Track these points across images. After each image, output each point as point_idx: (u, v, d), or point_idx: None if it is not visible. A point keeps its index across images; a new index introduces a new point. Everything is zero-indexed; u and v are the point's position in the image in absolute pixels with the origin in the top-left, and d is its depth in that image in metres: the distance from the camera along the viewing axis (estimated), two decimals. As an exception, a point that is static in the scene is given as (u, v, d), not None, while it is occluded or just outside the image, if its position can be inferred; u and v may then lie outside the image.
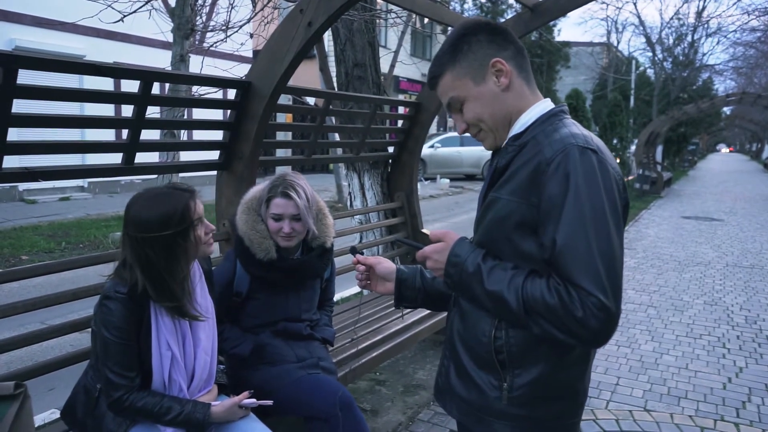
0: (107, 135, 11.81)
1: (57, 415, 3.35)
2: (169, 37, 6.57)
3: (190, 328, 1.92)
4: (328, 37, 3.85)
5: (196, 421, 1.83)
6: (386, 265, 1.62)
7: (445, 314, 3.64)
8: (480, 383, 1.37)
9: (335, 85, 4.88)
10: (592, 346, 1.25)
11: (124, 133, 2.44)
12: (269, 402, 2.03)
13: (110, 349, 1.78)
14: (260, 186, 2.49)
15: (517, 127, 1.34)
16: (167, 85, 7.09)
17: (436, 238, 1.40)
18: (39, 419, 3.27)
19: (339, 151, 11.34)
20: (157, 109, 5.22)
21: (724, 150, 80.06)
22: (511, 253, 1.29)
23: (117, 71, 2.25)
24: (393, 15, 6.23)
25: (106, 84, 11.43)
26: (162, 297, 1.80)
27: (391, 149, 4.62)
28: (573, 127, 1.29)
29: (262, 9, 5.29)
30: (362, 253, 1.66)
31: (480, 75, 1.33)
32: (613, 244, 1.18)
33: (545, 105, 1.36)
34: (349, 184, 4.79)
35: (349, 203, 4.92)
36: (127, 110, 2.41)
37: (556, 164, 1.21)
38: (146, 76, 2.33)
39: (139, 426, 1.86)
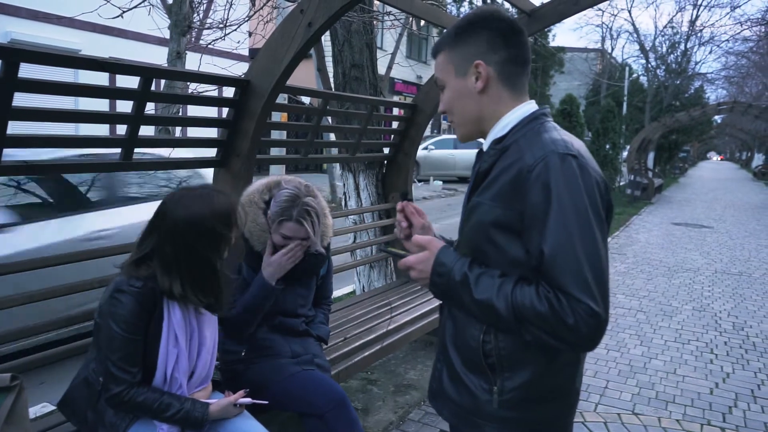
0: (101, 130, 11.76)
1: (48, 408, 3.35)
2: (166, 34, 6.55)
3: (197, 326, 1.93)
4: (326, 37, 3.87)
5: (194, 420, 1.84)
6: (428, 232, 1.51)
7: (436, 316, 3.68)
8: (471, 387, 1.37)
9: (332, 85, 4.90)
10: (582, 351, 1.26)
11: (118, 128, 2.45)
12: (264, 402, 2.04)
13: (116, 343, 1.78)
14: (263, 181, 2.49)
15: (498, 129, 1.35)
16: (162, 81, 7.09)
17: (419, 246, 1.38)
18: (30, 412, 3.26)
19: (334, 151, 11.34)
20: (151, 105, 5.21)
21: (715, 158, 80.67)
22: (498, 259, 1.29)
23: (118, 67, 2.26)
24: (391, 17, 6.25)
25: (101, 79, 11.41)
26: (199, 292, 1.85)
27: (386, 150, 4.64)
28: (554, 132, 1.29)
29: (261, 8, 5.30)
30: (411, 200, 1.55)
31: (462, 69, 1.34)
32: (598, 249, 1.19)
33: (528, 108, 1.35)
34: (344, 184, 4.80)
35: (343, 203, 4.94)
36: (122, 105, 2.42)
37: (537, 172, 1.20)
38: (147, 72, 2.35)
39: (140, 422, 1.87)
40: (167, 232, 1.82)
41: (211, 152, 3.06)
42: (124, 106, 2.43)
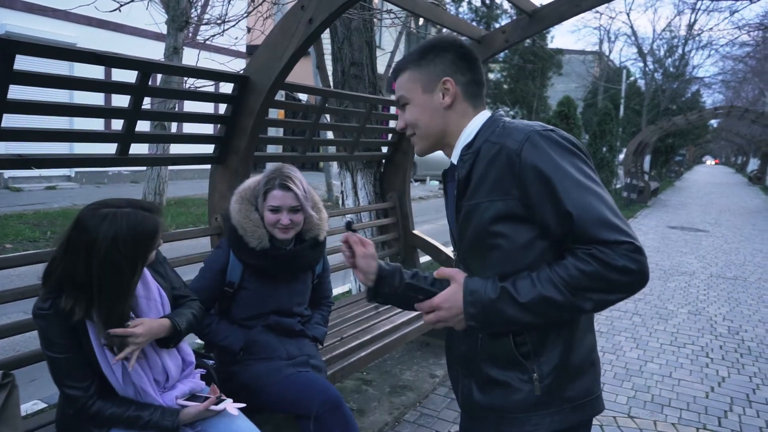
0: (96, 124, 11.70)
1: (39, 406, 3.32)
2: (163, 29, 6.52)
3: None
4: (325, 35, 3.85)
5: (165, 428, 1.81)
6: (369, 261, 1.55)
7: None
8: (510, 382, 1.38)
9: (331, 83, 4.87)
10: (639, 289, 1.26)
11: (113, 122, 2.42)
12: (242, 404, 1.96)
13: (56, 365, 1.74)
14: (255, 178, 2.49)
15: (464, 138, 1.42)
16: (159, 76, 7.04)
17: (442, 277, 1.41)
18: (21, 410, 3.22)
19: (331, 149, 11.30)
20: (146, 100, 5.18)
21: (709, 162, 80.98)
22: (509, 247, 1.32)
23: (116, 60, 2.23)
24: (392, 15, 6.23)
25: (96, 73, 11.37)
26: (106, 315, 1.73)
27: (384, 149, 4.62)
28: (522, 121, 1.39)
29: (260, 3, 5.27)
30: (355, 231, 1.59)
31: (430, 86, 1.43)
32: (606, 193, 1.28)
33: (485, 115, 1.45)
34: (341, 183, 4.78)
35: (341, 202, 4.91)
36: (117, 100, 2.39)
37: (526, 152, 1.27)
38: (145, 66, 2.31)
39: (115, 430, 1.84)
40: (83, 251, 1.68)
41: (207, 149, 3.02)
42: (119, 101, 2.39)
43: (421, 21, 15.83)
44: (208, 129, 11.91)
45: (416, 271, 1.60)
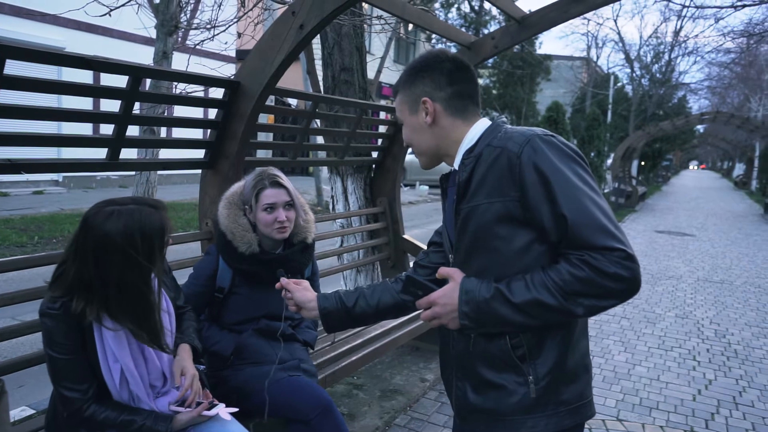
0: (83, 129, 11.62)
1: (27, 412, 3.29)
2: (152, 33, 6.50)
3: None
4: (315, 40, 3.86)
5: None
6: (306, 294, 1.69)
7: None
8: (506, 385, 1.40)
9: (321, 88, 4.88)
10: (631, 296, 1.28)
11: (102, 127, 2.41)
12: (235, 408, 1.98)
13: (57, 365, 1.72)
14: (240, 183, 2.50)
15: (467, 142, 1.45)
16: (148, 81, 7.00)
17: (442, 276, 1.44)
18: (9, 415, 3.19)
19: (321, 154, 11.28)
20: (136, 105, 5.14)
21: (692, 167, 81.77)
22: (506, 251, 1.34)
23: (106, 65, 2.22)
24: (382, 21, 6.26)
25: (85, 78, 11.29)
26: (121, 317, 1.73)
27: (375, 154, 4.63)
28: (523, 127, 1.41)
29: (251, 9, 5.27)
30: (288, 276, 1.75)
31: (414, 107, 1.49)
32: (603, 200, 1.30)
33: (486, 121, 1.48)
34: (332, 188, 4.78)
35: (331, 207, 4.92)
36: (105, 105, 2.38)
37: (526, 155, 1.29)
38: (136, 71, 2.31)
39: None
40: (92, 251, 1.68)
41: (197, 153, 3.02)
42: (108, 105, 2.39)
43: (410, 27, 15.89)
44: (197, 134, 11.87)
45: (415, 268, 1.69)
